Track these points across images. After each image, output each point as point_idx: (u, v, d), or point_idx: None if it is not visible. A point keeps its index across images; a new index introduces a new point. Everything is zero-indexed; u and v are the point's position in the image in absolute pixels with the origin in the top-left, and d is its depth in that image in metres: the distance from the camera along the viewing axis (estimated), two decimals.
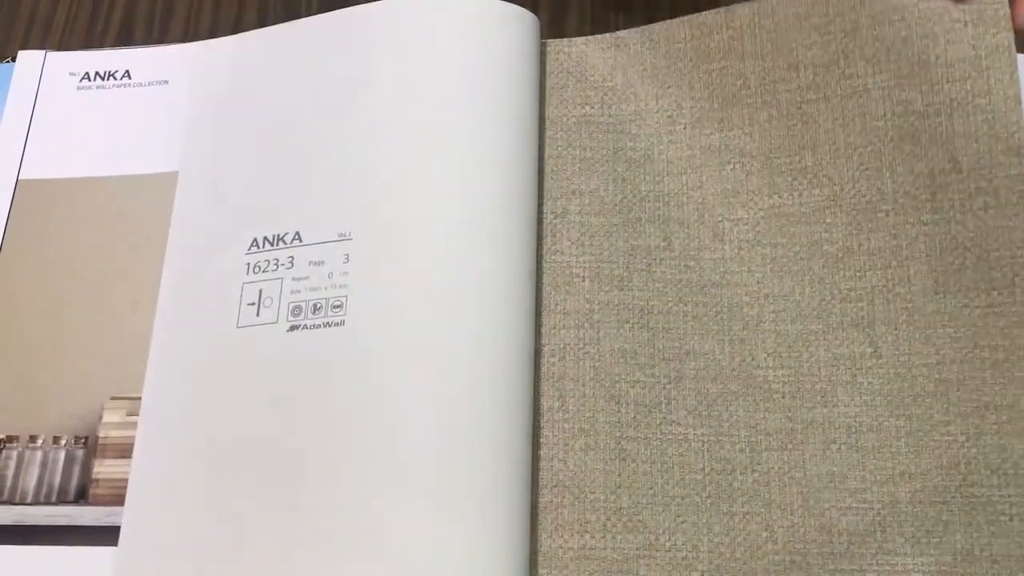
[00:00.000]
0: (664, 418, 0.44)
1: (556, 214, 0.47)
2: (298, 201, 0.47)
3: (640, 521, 0.42)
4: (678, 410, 0.44)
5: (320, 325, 0.44)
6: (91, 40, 0.57)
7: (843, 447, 0.42)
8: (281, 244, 0.47)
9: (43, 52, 0.55)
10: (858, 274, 0.44)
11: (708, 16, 0.49)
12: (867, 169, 0.45)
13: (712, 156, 0.47)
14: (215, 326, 0.46)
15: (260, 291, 0.46)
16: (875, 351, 0.43)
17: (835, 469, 0.42)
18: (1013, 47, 0.45)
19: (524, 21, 0.50)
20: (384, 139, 0.47)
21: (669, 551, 0.42)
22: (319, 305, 0.45)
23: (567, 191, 0.48)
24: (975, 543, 0.40)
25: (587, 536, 0.42)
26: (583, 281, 0.46)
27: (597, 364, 0.45)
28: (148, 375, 0.47)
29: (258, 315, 0.45)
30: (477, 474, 0.41)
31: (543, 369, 0.45)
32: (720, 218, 0.46)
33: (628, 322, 0.45)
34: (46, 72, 0.55)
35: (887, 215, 0.45)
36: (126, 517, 0.44)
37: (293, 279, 0.46)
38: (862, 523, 0.41)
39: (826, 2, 0.47)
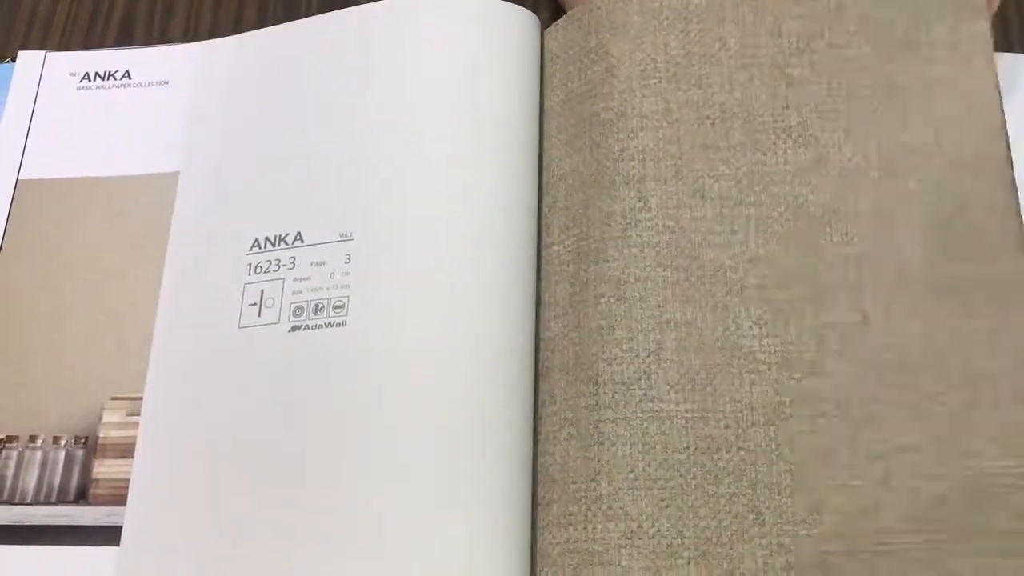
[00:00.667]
0: (644, 395, 0.41)
1: (548, 207, 0.47)
2: (299, 201, 0.47)
3: (621, 508, 0.40)
4: (659, 385, 0.41)
5: (322, 325, 0.44)
6: (91, 40, 0.57)
7: (833, 420, 0.41)
8: (283, 244, 0.47)
9: (43, 52, 0.55)
10: (845, 238, 0.43)
11: None
12: (853, 134, 0.44)
13: (690, 110, 0.45)
14: (216, 327, 0.46)
15: (262, 291, 0.46)
16: (864, 319, 0.42)
17: (825, 444, 0.40)
18: (990, 35, 0.45)
19: (524, 20, 0.50)
20: (385, 139, 0.47)
21: (653, 538, 0.39)
22: (321, 305, 0.45)
23: (555, 177, 0.47)
24: (972, 519, 0.39)
25: (570, 529, 0.40)
26: (567, 266, 0.44)
27: (579, 349, 0.43)
28: (150, 375, 0.47)
29: (260, 316, 0.45)
30: (478, 474, 0.41)
31: (539, 365, 0.44)
32: (700, 173, 0.44)
33: (604, 296, 0.43)
34: (46, 72, 0.55)
35: (876, 180, 0.44)
36: (128, 517, 0.44)
37: (295, 279, 0.46)
38: (854, 501, 0.40)
39: None
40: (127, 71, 0.54)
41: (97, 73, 0.54)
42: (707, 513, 0.40)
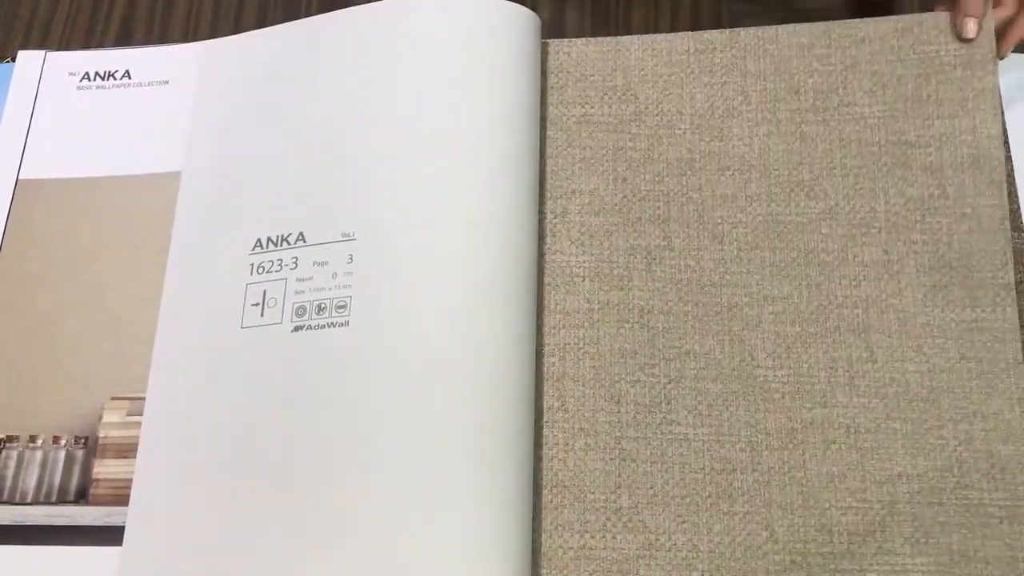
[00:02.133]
0: (664, 418, 0.44)
1: (556, 214, 0.48)
2: (301, 201, 0.47)
3: (640, 521, 0.43)
4: (678, 410, 0.44)
5: (325, 325, 0.44)
6: (91, 40, 0.57)
7: (843, 447, 0.44)
8: (285, 245, 0.46)
9: (43, 52, 0.55)
10: (853, 283, 0.46)
11: (712, 34, 0.50)
12: (861, 188, 0.48)
13: (712, 161, 0.49)
14: (219, 327, 0.46)
15: (264, 292, 0.46)
16: (871, 355, 0.45)
17: (835, 469, 0.43)
18: (998, 89, 0.48)
19: (525, 20, 0.50)
20: (386, 139, 0.47)
21: (669, 551, 0.42)
22: (323, 306, 0.45)
23: (567, 191, 0.48)
24: (969, 544, 0.42)
25: (587, 536, 0.43)
26: (583, 281, 0.47)
27: (597, 364, 0.45)
28: (152, 375, 0.47)
29: (262, 316, 0.45)
30: (480, 473, 0.41)
31: (544, 369, 0.45)
32: (720, 220, 0.47)
33: (628, 322, 0.46)
34: (46, 72, 0.55)
35: (879, 232, 0.47)
36: (130, 516, 0.44)
37: (297, 280, 0.46)
38: (862, 523, 0.42)
39: (828, 36, 0.50)
40: (127, 71, 0.54)
41: (97, 73, 0.54)
42: (721, 529, 0.43)
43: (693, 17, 0.56)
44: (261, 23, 0.57)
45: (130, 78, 0.54)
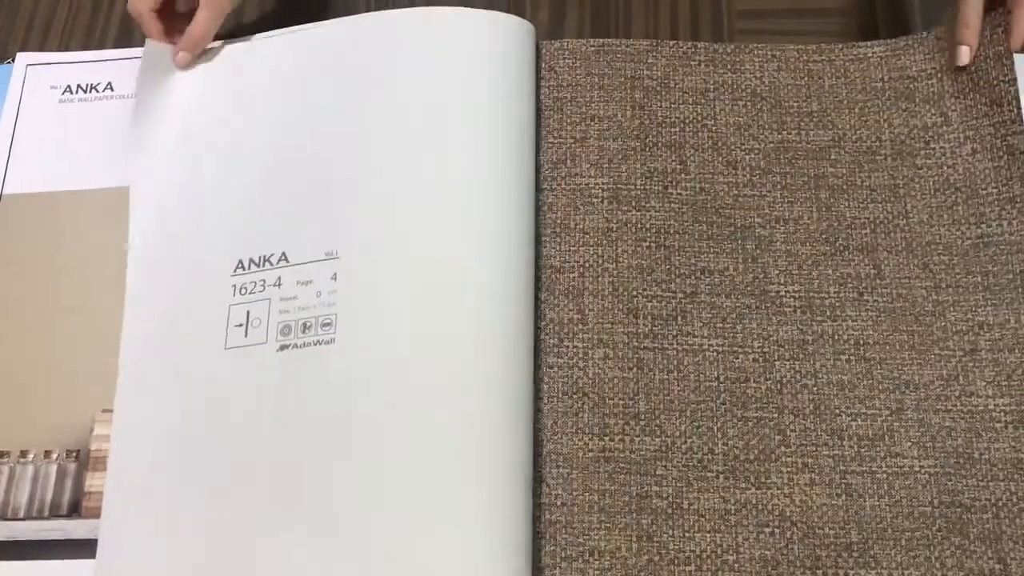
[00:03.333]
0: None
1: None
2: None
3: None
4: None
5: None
6: (91, 41, 0.56)
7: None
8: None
9: (24, 65, 0.55)
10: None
11: None
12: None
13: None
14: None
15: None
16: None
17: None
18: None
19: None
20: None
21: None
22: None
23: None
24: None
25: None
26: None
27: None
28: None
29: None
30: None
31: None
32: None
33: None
34: (27, 86, 0.54)
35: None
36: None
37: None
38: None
39: None
40: (109, 83, 0.54)
41: (79, 86, 0.54)
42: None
43: (692, 20, 0.56)
44: (261, 26, 0.56)
45: (112, 91, 0.54)
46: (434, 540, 0.40)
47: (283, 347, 0.44)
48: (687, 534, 0.43)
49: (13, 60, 0.55)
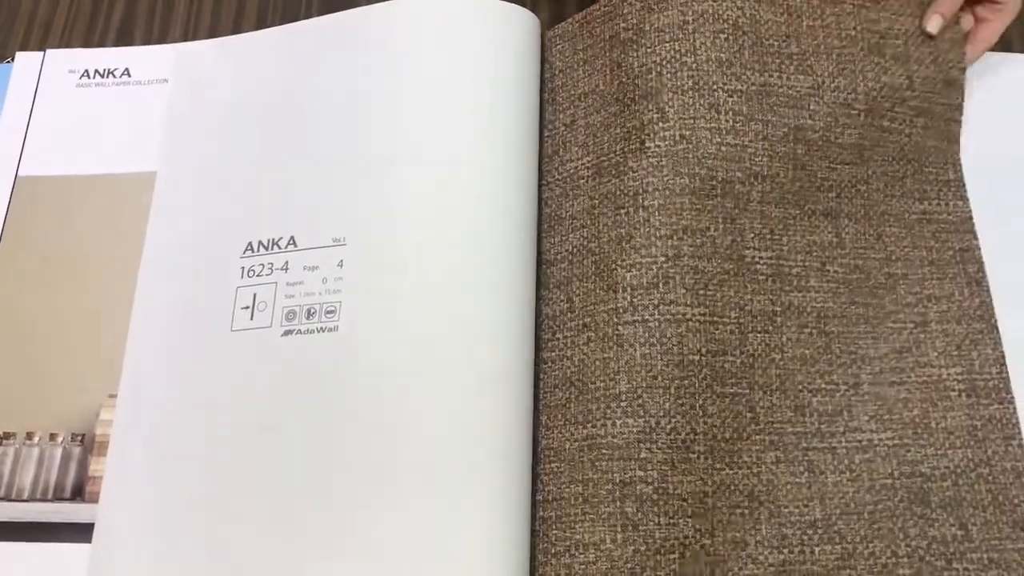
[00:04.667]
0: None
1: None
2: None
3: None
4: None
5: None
6: (91, 40, 0.57)
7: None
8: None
9: (43, 50, 0.55)
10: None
11: None
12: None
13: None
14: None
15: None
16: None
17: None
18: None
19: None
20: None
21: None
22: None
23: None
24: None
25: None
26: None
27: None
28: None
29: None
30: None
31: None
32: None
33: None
34: (45, 69, 0.55)
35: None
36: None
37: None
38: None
39: None
40: (127, 69, 0.54)
41: (97, 71, 0.55)
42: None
43: None
44: (261, 23, 0.57)
45: (130, 76, 0.54)
46: (432, 527, 0.40)
47: (287, 332, 0.45)
48: (672, 520, 0.41)
49: (13, 60, 0.55)
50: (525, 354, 0.44)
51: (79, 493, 0.45)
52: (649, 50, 0.46)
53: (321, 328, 0.44)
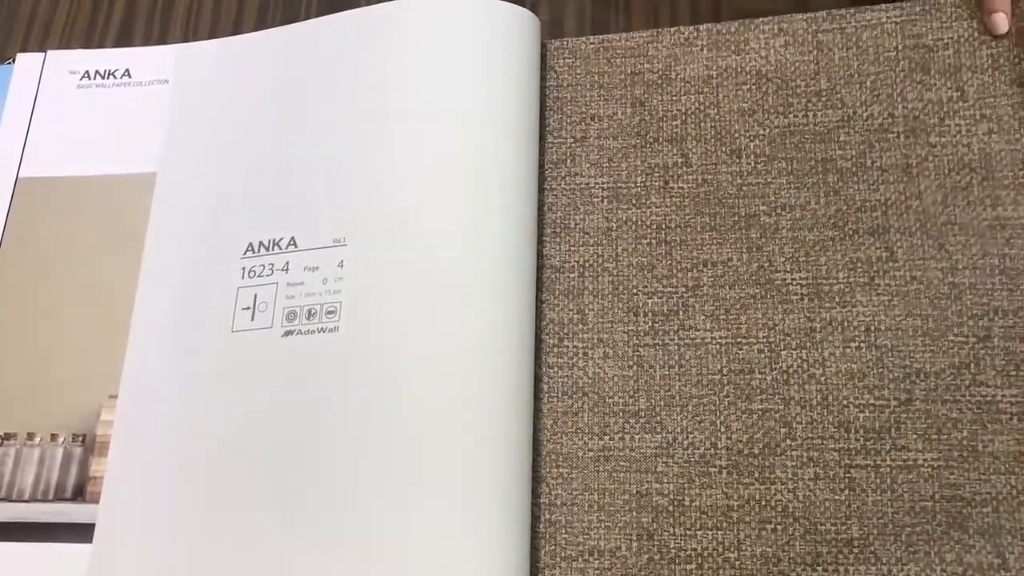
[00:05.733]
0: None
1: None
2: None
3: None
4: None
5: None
6: (91, 41, 0.57)
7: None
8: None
9: (43, 51, 0.55)
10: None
11: None
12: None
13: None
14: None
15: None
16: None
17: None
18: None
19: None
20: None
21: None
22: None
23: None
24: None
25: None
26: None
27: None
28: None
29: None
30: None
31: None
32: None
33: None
34: (46, 70, 0.55)
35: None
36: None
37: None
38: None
39: None
40: (127, 70, 0.54)
41: (97, 71, 0.55)
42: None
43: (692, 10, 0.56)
44: (261, 24, 0.57)
45: (130, 77, 0.54)
46: (431, 528, 0.40)
47: (288, 333, 0.45)
48: (689, 532, 0.42)
49: (13, 60, 0.55)
50: (525, 355, 0.44)
51: (80, 494, 0.45)
52: (675, 98, 0.50)
53: (322, 329, 0.44)
